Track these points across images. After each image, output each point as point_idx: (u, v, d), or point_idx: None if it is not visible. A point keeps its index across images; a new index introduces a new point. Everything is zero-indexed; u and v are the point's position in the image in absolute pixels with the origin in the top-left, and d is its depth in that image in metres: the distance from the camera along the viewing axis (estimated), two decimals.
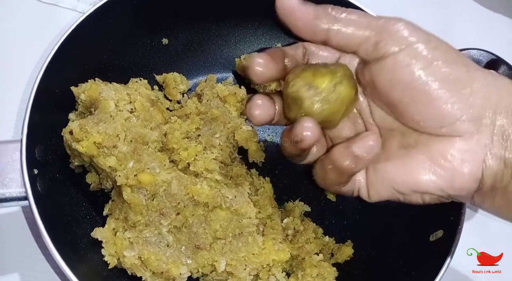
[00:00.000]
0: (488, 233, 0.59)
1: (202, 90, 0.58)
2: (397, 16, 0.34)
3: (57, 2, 0.65)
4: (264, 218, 0.50)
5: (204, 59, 0.62)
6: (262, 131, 0.60)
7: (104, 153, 0.46)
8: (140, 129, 0.48)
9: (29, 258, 0.51)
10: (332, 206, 0.57)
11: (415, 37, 0.33)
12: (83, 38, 0.51)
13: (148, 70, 0.59)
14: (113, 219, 0.48)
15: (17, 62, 0.61)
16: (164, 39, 0.59)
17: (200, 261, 0.47)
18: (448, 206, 0.47)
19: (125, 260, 0.46)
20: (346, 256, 0.52)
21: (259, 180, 0.55)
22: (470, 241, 0.55)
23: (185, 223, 0.47)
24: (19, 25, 0.63)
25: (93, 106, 0.49)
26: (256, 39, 0.62)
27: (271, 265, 0.48)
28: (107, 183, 0.50)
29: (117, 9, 0.53)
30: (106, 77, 0.52)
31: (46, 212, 0.43)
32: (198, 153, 0.49)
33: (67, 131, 0.46)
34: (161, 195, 0.46)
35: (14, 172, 0.44)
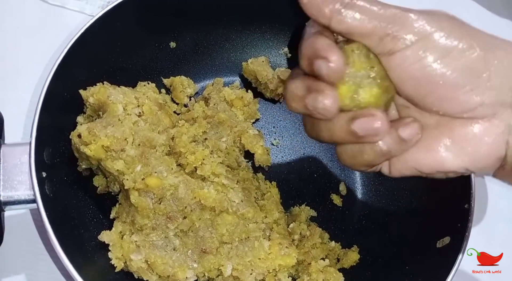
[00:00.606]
0: (488, 233, 0.58)
1: (209, 94, 0.58)
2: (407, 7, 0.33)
3: (64, 4, 0.65)
4: (270, 223, 0.50)
5: (211, 63, 0.62)
6: (268, 135, 0.60)
7: (112, 156, 0.46)
8: (148, 133, 0.48)
9: (35, 259, 0.52)
10: (338, 211, 0.56)
11: (425, 28, 0.32)
12: (92, 41, 0.51)
13: (156, 73, 0.59)
14: (120, 222, 0.48)
15: (26, 64, 0.61)
16: (172, 43, 0.59)
17: (206, 265, 0.47)
18: (455, 214, 0.48)
19: (131, 264, 0.46)
20: (352, 261, 0.52)
21: (266, 184, 0.55)
22: (470, 241, 0.54)
23: (192, 227, 0.47)
24: (28, 26, 0.63)
25: (102, 110, 0.49)
26: (263, 43, 0.62)
27: (277, 270, 0.48)
28: (114, 186, 0.50)
29: (126, 12, 0.53)
30: (114, 80, 0.52)
31: (54, 215, 0.43)
32: (205, 157, 0.49)
33: (76, 134, 0.46)
34: (168, 199, 0.46)
35: (23, 175, 0.44)
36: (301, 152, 0.59)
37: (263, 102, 0.61)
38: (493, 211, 0.60)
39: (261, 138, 0.56)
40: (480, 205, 0.60)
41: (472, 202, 0.47)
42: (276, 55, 0.62)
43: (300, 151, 0.59)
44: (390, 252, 0.52)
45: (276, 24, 0.61)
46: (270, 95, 0.60)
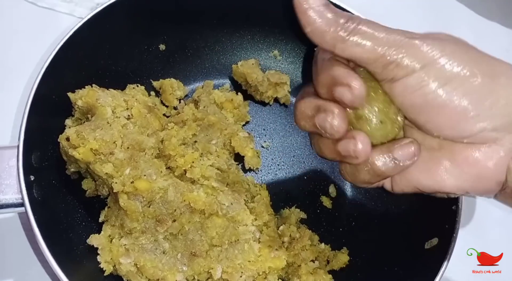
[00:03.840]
0: (488, 233, 0.59)
1: (199, 96, 0.58)
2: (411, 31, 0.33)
3: (53, 6, 0.65)
4: (260, 225, 0.50)
5: (201, 65, 0.62)
6: (258, 137, 0.60)
7: (101, 159, 0.46)
8: (137, 136, 0.48)
9: (24, 263, 0.51)
10: (328, 213, 0.57)
11: (428, 55, 0.32)
12: (81, 44, 0.51)
13: (145, 76, 0.59)
14: (109, 225, 0.48)
15: (14, 66, 0.60)
16: (162, 45, 0.59)
17: (196, 268, 0.47)
18: (443, 215, 0.48)
19: (121, 267, 0.46)
20: (341, 263, 0.52)
21: (256, 187, 0.55)
22: (470, 241, 0.55)
23: (181, 230, 0.47)
24: (16, 29, 0.63)
25: (90, 112, 0.49)
26: (253, 46, 0.62)
27: (267, 272, 0.48)
28: (103, 189, 0.50)
29: (115, 14, 0.53)
30: (103, 83, 0.52)
31: (42, 218, 0.43)
32: (194, 160, 0.49)
33: (64, 137, 0.46)
34: (157, 202, 0.46)
35: (11, 178, 0.44)
36: (291, 154, 0.59)
37: (253, 104, 0.61)
38: (493, 211, 0.61)
39: (251, 141, 0.56)
40: (480, 205, 0.61)
41: (459, 203, 0.48)
42: (266, 58, 0.63)
43: (290, 154, 0.59)
44: (379, 253, 0.52)
45: (266, 27, 0.61)
46: (260, 97, 0.60)
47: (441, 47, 0.32)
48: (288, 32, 0.61)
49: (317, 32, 0.33)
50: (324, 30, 0.32)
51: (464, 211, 0.48)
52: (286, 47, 0.62)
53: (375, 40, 0.32)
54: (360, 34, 0.32)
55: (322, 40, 0.33)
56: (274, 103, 0.61)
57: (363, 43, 0.32)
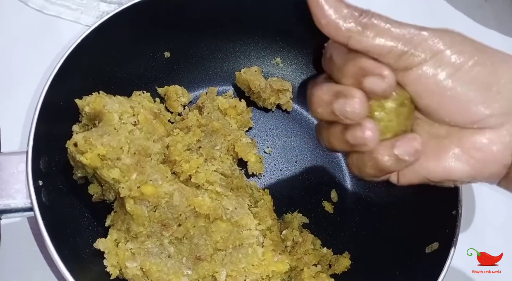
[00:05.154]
0: (488, 233, 0.59)
1: (203, 103, 0.59)
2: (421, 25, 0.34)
3: (60, 14, 0.66)
4: (264, 230, 0.51)
5: (205, 72, 0.63)
6: (261, 143, 0.61)
7: (108, 165, 0.46)
8: (143, 142, 0.48)
9: (32, 267, 0.52)
10: (329, 217, 0.57)
11: (439, 45, 0.33)
12: (88, 51, 0.52)
13: (150, 82, 0.60)
14: (115, 230, 0.48)
15: (23, 73, 0.61)
16: (166, 53, 0.60)
17: (200, 272, 0.47)
18: (444, 220, 0.49)
19: (127, 271, 0.47)
20: (343, 267, 0.53)
21: (259, 192, 0.56)
22: (470, 241, 0.55)
23: (186, 235, 0.48)
24: (24, 36, 0.64)
25: (97, 119, 0.50)
26: (257, 53, 0.63)
27: (270, 276, 0.49)
28: (109, 194, 0.50)
29: (121, 22, 0.54)
30: (109, 90, 0.53)
31: (51, 223, 0.44)
32: (199, 165, 0.50)
33: (72, 143, 0.46)
34: (163, 206, 0.47)
35: (20, 183, 0.45)
36: (293, 160, 0.60)
37: (256, 111, 0.62)
38: (493, 211, 0.61)
39: (254, 147, 0.57)
40: (480, 205, 0.61)
41: (459, 208, 0.48)
42: (269, 65, 0.64)
43: (292, 159, 0.60)
44: (380, 257, 0.53)
45: (269, 35, 0.62)
46: (262, 104, 0.61)
47: (450, 39, 0.34)
48: (290, 40, 0.62)
49: (332, 25, 0.33)
50: (339, 23, 0.33)
51: (464, 212, 0.48)
52: (288, 55, 0.63)
53: (389, 32, 0.33)
54: (375, 27, 0.33)
55: (337, 33, 0.34)
56: (276, 110, 0.62)
57: (378, 36, 0.33)
